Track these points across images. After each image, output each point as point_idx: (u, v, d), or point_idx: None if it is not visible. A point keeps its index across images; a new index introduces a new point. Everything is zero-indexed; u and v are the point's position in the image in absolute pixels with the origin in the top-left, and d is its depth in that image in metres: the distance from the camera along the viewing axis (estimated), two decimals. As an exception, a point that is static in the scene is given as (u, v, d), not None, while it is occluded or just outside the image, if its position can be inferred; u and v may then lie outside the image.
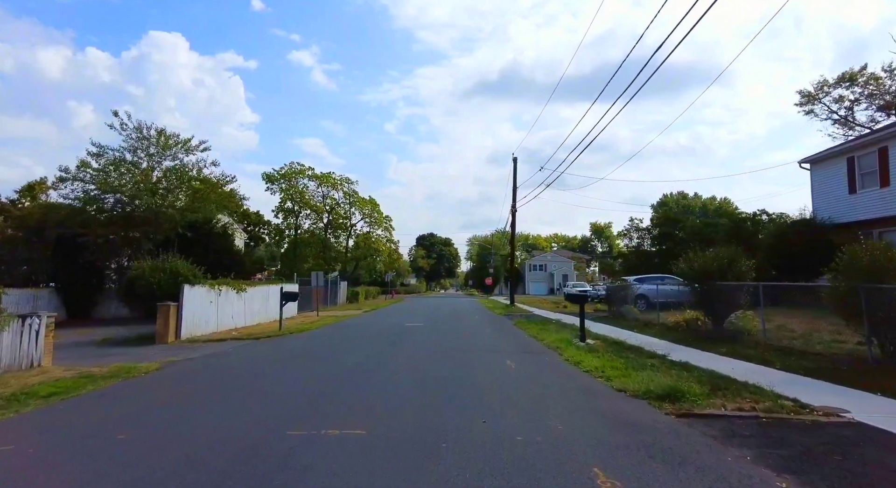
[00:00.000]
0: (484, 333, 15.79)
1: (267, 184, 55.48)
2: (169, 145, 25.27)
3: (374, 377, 8.40)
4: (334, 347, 12.68)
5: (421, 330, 16.77)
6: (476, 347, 12.18)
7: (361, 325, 19.16)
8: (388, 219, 58.79)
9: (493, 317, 24.31)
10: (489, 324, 19.86)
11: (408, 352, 11.31)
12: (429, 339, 13.98)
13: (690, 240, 25.35)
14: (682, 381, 7.06)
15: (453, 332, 16.08)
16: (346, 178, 56.46)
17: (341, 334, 15.92)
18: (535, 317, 22.16)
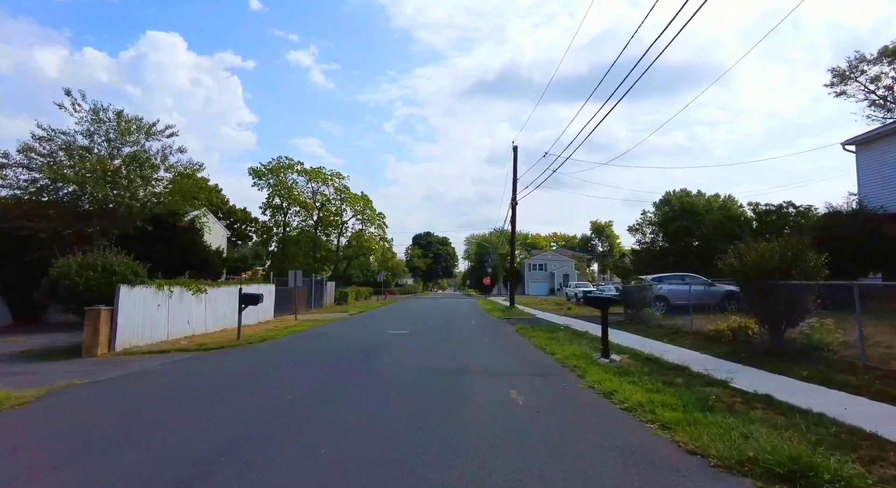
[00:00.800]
0: (480, 345, 13.07)
1: (254, 179, 52.79)
2: (129, 129, 22.48)
3: (305, 429, 5.70)
4: (286, 367, 9.96)
5: (404, 340, 14.05)
6: (469, 367, 9.38)
7: (336, 333, 16.43)
8: (381, 216, 56.13)
9: (491, 321, 21.63)
10: (487, 330, 17.17)
11: (376, 377, 8.49)
12: (410, 355, 11.20)
13: (711, 235, 22.71)
14: (803, 443, 4.36)
15: (443, 343, 13.35)
16: (337, 173, 53.82)
17: (305, 346, 13.18)
18: (539, 322, 19.49)
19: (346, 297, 38.83)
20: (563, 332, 14.83)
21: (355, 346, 12.66)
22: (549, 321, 20.03)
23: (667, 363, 9.05)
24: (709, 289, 19.06)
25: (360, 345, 12.77)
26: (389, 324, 19.11)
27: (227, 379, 8.81)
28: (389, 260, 59.04)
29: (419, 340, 13.84)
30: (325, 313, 28.40)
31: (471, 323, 20.16)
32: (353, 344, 13.15)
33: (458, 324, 19.28)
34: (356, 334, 15.80)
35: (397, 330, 16.44)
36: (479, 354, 11.09)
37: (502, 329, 17.49)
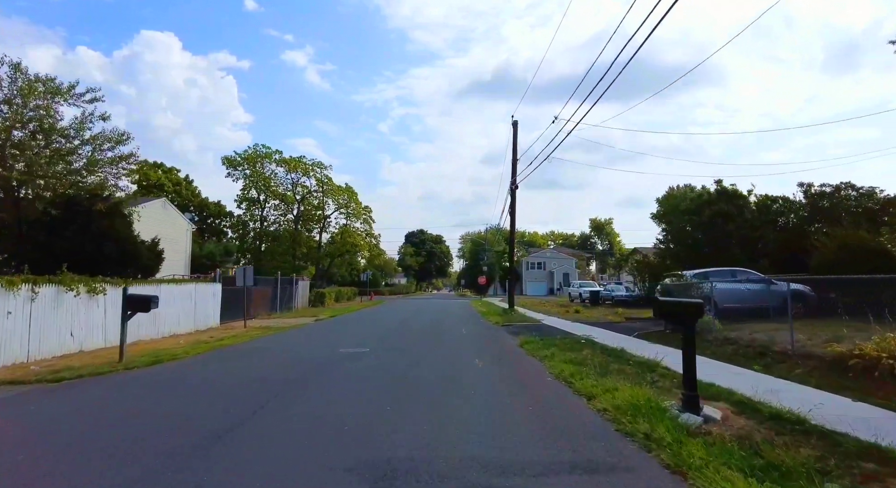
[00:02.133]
0: (470, 378, 8.40)
1: (228, 169, 48.22)
2: (34, 91, 17.92)
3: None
4: (106, 433, 5.53)
5: (352, 367, 9.34)
6: (438, 452, 4.41)
7: (269, 352, 11.83)
8: (367, 209, 51.60)
9: (487, 329, 17.25)
10: (481, 345, 12.74)
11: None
12: (338, 411, 6.08)
13: (755, 222, 18.42)
14: None
15: (410, 375, 8.59)
16: (319, 163, 49.22)
17: (198, 379, 8.63)
18: (549, 331, 15.13)
19: (322, 299, 34.37)
20: (589, 350, 10.44)
21: (273, 378, 8.14)
22: (561, 329, 15.65)
23: (824, 430, 4.67)
24: (768, 288, 14.78)
25: (277, 379, 8.20)
26: (352, 336, 14.66)
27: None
28: (377, 257, 54.54)
29: (376, 368, 9.16)
30: (289, 318, 23.94)
31: (460, 332, 15.74)
32: (272, 374, 8.59)
33: (444, 336, 14.87)
34: (293, 354, 11.18)
35: (355, 347, 11.82)
36: (465, 403, 6.52)
37: (502, 343, 13.08)
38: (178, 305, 16.74)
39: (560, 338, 12.61)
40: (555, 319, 20.58)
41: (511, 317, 21.35)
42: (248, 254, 48.64)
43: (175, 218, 35.20)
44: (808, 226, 17.57)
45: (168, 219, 33.92)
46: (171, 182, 47.08)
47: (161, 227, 32.72)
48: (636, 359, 8.87)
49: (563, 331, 14.98)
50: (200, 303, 18.14)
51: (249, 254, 48.44)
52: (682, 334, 5.64)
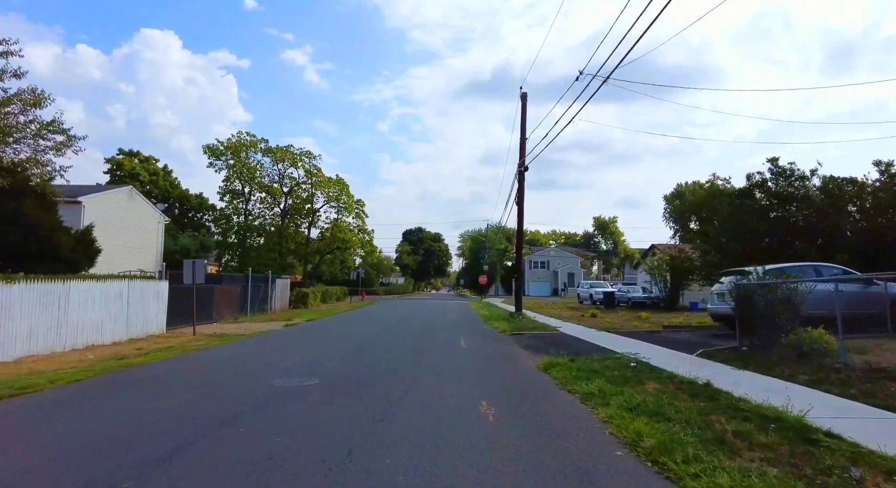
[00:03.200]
0: (474, 451, 4.94)
1: (210, 158, 44.66)
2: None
3: None
4: None
5: (266, 430, 5.76)
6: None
7: (166, 385, 8.09)
8: (360, 203, 48.00)
9: (493, 340, 13.63)
10: (489, 370, 9.04)
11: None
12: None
13: (827, 208, 14.81)
14: None
15: (365, 450, 5.03)
16: (308, 152, 45.68)
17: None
18: (575, 345, 11.53)
19: (305, 299, 30.76)
20: (653, 382, 6.84)
21: (105, 462, 4.54)
22: (589, 342, 12.03)
23: None
24: (866, 289, 11.22)
25: (107, 466, 4.64)
26: (311, 353, 10.97)
27: None
28: (370, 254, 50.93)
29: (308, 429, 5.26)
30: (259, 322, 20.33)
31: (457, 347, 12.09)
32: (118, 444, 5.02)
33: (436, 353, 11.22)
34: (204, 390, 7.34)
35: (301, 376, 7.76)
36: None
37: (516, 365, 9.43)
38: (101, 308, 13.15)
39: (599, 359, 9.00)
40: (573, 326, 16.99)
41: (520, 323, 17.75)
42: (229, 250, 45.04)
43: (144, 209, 31.59)
44: (893, 212, 13.99)
45: (135, 210, 30.32)
46: (146, 172, 43.43)
47: (127, 219, 29.16)
48: (753, 408, 5.25)
49: (594, 345, 11.37)
50: (137, 304, 14.55)
51: (232, 251, 44.85)
52: None
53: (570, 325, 17.24)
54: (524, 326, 16.66)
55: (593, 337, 13.27)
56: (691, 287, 28.42)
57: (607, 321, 19.78)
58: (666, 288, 29.27)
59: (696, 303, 29.49)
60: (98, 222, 26.92)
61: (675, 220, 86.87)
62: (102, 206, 27.17)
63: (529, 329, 15.75)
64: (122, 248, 27.82)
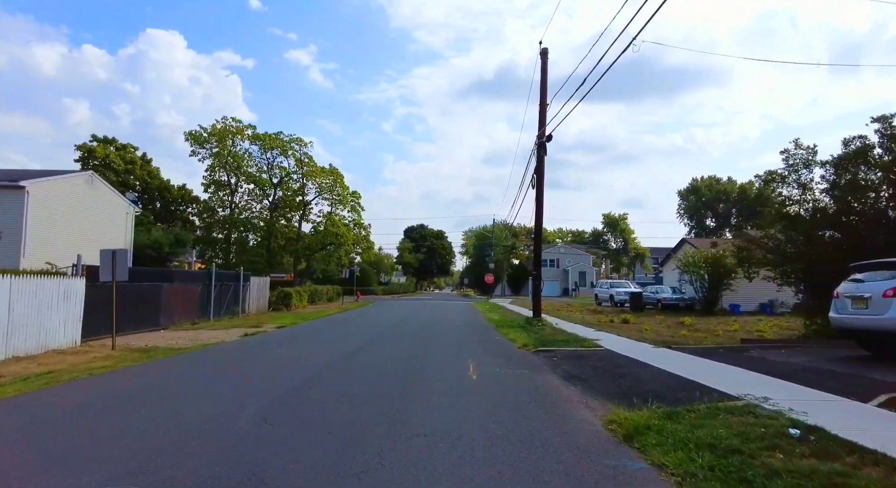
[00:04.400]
0: None
1: (193, 146, 40.87)
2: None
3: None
4: None
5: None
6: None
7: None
8: (355, 195, 44.09)
9: (513, 359, 9.64)
10: (528, 455, 5.01)
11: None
12: None
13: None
14: None
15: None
16: (298, 138, 41.79)
17: None
18: (643, 374, 7.58)
19: (288, 300, 26.90)
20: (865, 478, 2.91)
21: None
22: (661, 369, 8.02)
23: None
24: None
25: None
26: (220, 400, 7.03)
27: None
28: (366, 250, 47.07)
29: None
30: (217, 329, 16.46)
31: (465, 379, 8.09)
32: None
33: (427, 392, 7.22)
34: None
35: (166, 467, 4.31)
36: None
37: (570, 428, 5.36)
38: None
39: (711, 411, 5.06)
40: (612, 338, 13.04)
41: (543, 333, 13.82)
42: (212, 246, 41.24)
43: (108, 198, 27.79)
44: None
45: (97, 199, 26.53)
46: (122, 160, 39.66)
47: (87, 208, 25.45)
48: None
49: (672, 376, 7.42)
50: (25, 309, 10.69)
51: (214, 247, 41.05)
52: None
53: (609, 336, 13.29)
54: (550, 338, 12.72)
55: (655, 358, 9.32)
56: (732, 287, 24.44)
57: (648, 329, 15.83)
58: (703, 288, 25.30)
59: (736, 306, 25.49)
60: (47, 211, 23.27)
61: (689, 217, 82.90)
62: (53, 193, 23.38)
63: (559, 342, 11.81)
64: (80, 241, 23.96)
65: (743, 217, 79.80)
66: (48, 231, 22.48)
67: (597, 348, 10.94)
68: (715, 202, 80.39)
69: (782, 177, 13.27)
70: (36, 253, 20.08)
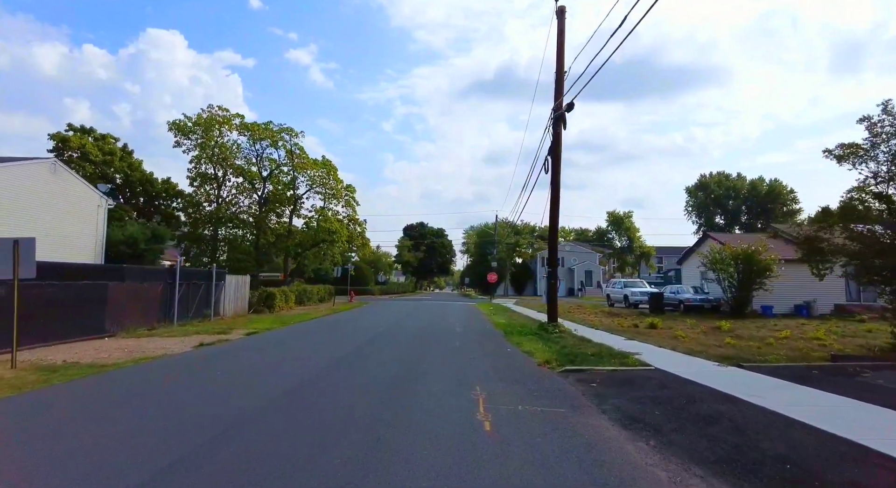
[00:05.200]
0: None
1: (177, 137, 38.27)
2: None
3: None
4: None
5: None
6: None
7: None
8: (350, 189, 41.46)
9: (538, 386, 6.96)
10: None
11: None
12: None
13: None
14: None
15: None
16: (288, 128, 39.17)
17: None
18: (735, 415, 4.96)
19: (271, 301, 24.27)
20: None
21: None
22: (756, 406, 5.38)
23: None
24: None
25: None
26: (125, 447, 4.49)
27: None
28: (361, 248, 44.42)
29: None
30: (176, 336, 13.81)
31: (472, 442, 5.47)
32: None
33: (412, 454, 4.66)
34: None
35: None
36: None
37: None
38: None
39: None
40: (652, 349, 10.43)
41: (565, 344, 11.19)
42: (197, 243, 38.63)
43: (75, 189, 25.18)
44: None
45: (62, 190, 23.92)
46: (100, 151, 37.03)
47: (48, 199, 22.88)
48: None
49: (778, 417, 4.81)
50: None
51: (199, 244, 38.46)
52: None
53: (648, 348, 10.67)
54: (576, 350, 10.10)
55: (735, 384, 6.70)
56: (766, 286, 21.82)
57: (683, 336, 13.23)
58: (732, 288, 22.66)
59: (768, 307, 22.84)
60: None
61: (698, 214, 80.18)
62: (5, 182, 20.82)
63: (590, 358, 9.19)
64: (42, 237, 21.34)
65: (753, 214, 77.26)
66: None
67: (643, 367, 8.31)
68: (724, 199, 77.71)
69: (864, 150, 10.61)
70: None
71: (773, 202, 75.24)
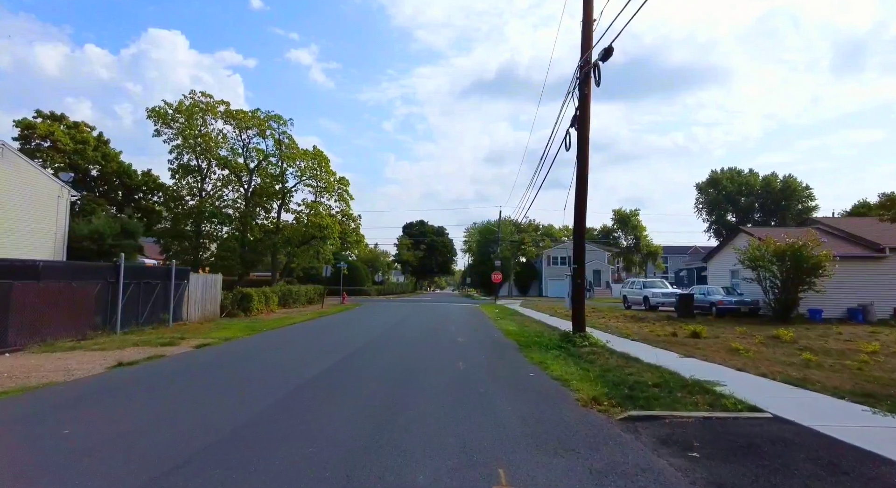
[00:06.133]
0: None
1: (157, 125, 35.41)
2: None
3: None
4: None
5: None
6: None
7: None
8: (343, 182, 38.57)
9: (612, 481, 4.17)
10: None
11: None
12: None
13: None
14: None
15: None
16: (276, 116, 36.26)
17: None
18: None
19: (247, 303, 21.32)
20: None
21: None
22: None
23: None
24: None
25: None
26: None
27: None
28: (355, 244, 41.52)
29: None
30: (108, 349, 10.82)
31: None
32: None
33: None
34: None
35: None
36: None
37: None
38: None
39: None
40: (742, 378, 7.52)
41: (606, 366, 8.25)
42: (179, 239, 35.72)
43: (31, 178, 22.31)
44: None
45: (12, 178, 21.10)
46: (72, 139, 34.11)
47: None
48: None
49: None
50: None
51: (179, 240, 35.54)
52: None
53: (723, 372, 7.75)
54: (627, 376, 7.18)
55: None
56: (817, 287, 18.87)
57: (741, 349, 10.32)
58: (775, 288, 19.69)
59: (817, 311, 19.84)
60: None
61: (709, 211, 77.04)
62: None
63: (656, 393, 6.26)
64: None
65: (766, 212, 74.15)
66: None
67: (753, 413, 5.36)
68: (737, 195, 74.59)
69: None
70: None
71: (788, 199, 72.14)
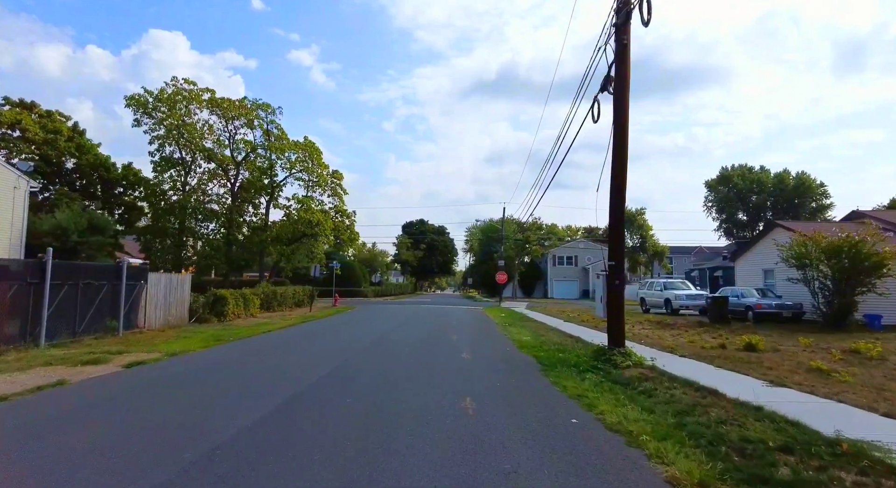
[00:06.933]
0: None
1: (136, 114, 32.98)
2: None
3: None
4: None
5: None
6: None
7: None
8: (336, 176, 36.06)
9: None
10: None
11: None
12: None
13: None
14: None
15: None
16: (265, 104, 33.78)
17: None
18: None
19: (222, 306, 18.76)
20: None
21: None
22: None
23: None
24: None
25: None
26: None
27: None
28: (349, 242, 38.97)
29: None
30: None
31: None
32: None
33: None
34: None
35: None
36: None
37: None
38: None
39: None
40: (874, 419, 4.94)
41: (675, 403, 5.70)
42: (160, 237, 33.21)
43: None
44: None
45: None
46: (42, 129, 31.58)
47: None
48: None
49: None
50: None
51: (161, 238, 33.04)
52: None
53: (852, 414, 5.19)
54: (719, 428, 4.63)
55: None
56: (878, 289, 16.29)
57: (824, 369, 7.80)
58: (826, 291, 17.10)
59: (876, 317, 17.23)
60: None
61: (719, 209, 74.27)
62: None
63: (780, 456, 3.70)
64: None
65: (779, 210, 71.46)
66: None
67: None
68: (748, 193, 71.87)
69: None
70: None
71: (802, 196, 69.42)
